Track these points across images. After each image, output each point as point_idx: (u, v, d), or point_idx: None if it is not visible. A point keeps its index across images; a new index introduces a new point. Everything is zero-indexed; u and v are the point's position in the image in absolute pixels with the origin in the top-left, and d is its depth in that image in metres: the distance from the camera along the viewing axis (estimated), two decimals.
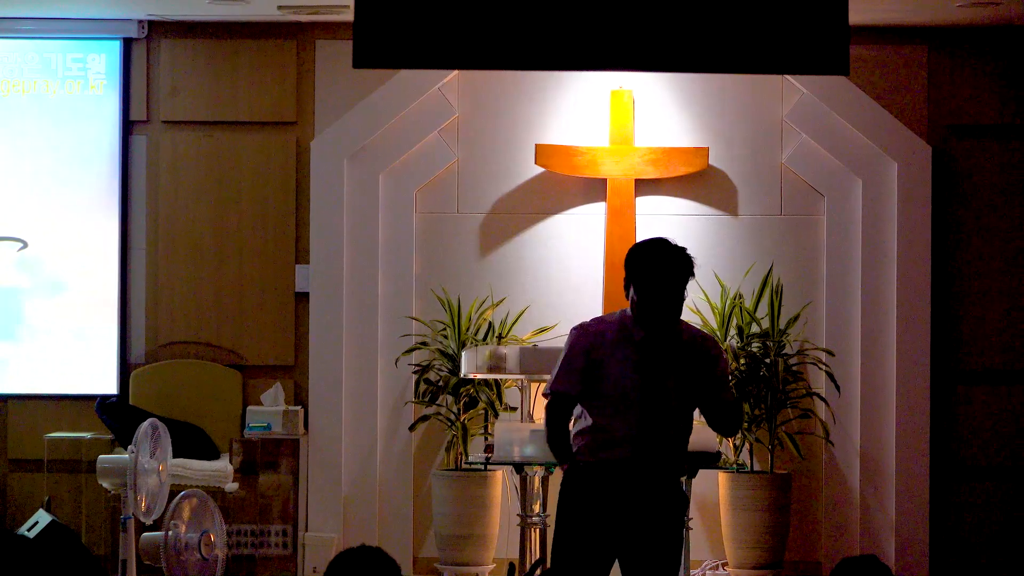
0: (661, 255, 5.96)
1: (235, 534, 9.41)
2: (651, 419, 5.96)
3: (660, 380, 5.95)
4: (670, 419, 5.99)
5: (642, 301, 5.94)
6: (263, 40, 9.96)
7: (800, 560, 9.69)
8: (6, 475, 9.95)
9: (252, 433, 9.57)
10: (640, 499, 5.99)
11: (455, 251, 9.85)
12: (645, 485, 5.99)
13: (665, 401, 5.95)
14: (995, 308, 9.90)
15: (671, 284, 5.93)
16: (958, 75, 9.92)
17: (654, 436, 5.97)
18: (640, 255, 5.98)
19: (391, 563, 4.32)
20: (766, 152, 9.83)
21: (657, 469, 6.00)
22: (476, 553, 9.30)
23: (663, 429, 5.98)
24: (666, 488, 6.04)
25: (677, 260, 5.95)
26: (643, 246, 6.02)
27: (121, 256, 9.93)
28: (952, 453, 9.85)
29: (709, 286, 9.65)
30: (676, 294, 5.95)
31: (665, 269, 5.93)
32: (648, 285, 5.93)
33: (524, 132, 9.82)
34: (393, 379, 9.72)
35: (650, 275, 5.93)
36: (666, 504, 6.04)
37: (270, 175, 9.96)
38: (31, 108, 9.94)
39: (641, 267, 5.95)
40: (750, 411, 9.37)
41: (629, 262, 5.99)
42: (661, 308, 5.94)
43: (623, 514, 5.99)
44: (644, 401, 5.94)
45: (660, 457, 6.00)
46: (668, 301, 5.93)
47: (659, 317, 5.95)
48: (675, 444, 6.04)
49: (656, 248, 5.99)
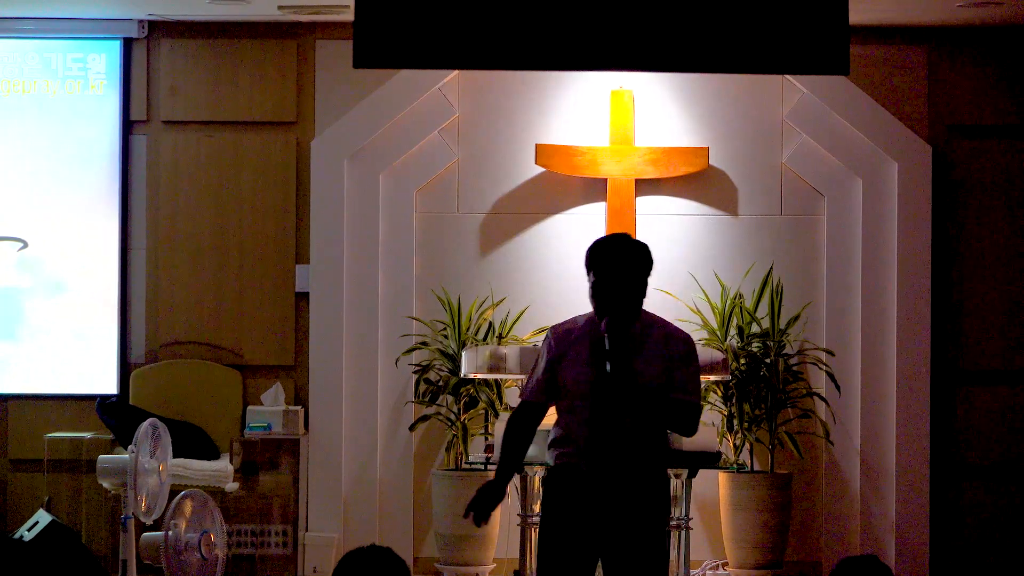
0: (615, 245, 5.97)
1: (235, 534, 9.41)
2: (603, 415, 5.86)
3: (616, 374, 5.84)
4: (628, 414, 5.86)
5: (598, 290, 5.93)
6: (263, 40, 9.97)
7: (800, 560, 9.69)
8: (6, 475, 9.95)
9: (252, 433, 9.58)
10: (606, 500, 5.89)
11: (455, 251, 9.85)
12: (608, 485, 5.89)
13: (622, 396, 5.83)
14: (995, 308, 9.90)
15: (624, 272, 5.92)
16: (958, 75, 9.93)
17: (607, 433, 5.87)
18: (598, 247, 5.99)
19: (400, 563, 4.30)
20: (766, 152, 9.83)
21: (615, 469, 5.88)
22: (476, 553, 9.30)
23: (619, 425, 5.86)
24: (638, 489, 5.91)
25: (632, 250, 5.97)
26: (602, 239, 6.04)
27: (121, 256, 9.93)
28: (952, 453, 9.85)
29: (709, 286, 9.65)
30: (631, 283, 5.93)
31: (619, 257, 5.93)
32: (603, 273, 5.92)
33: (524, 132, 9.82)
34: (393, 379, 9.72)
35: (604, 264, 5.92)
36: (640, 506, 5.91)
37: (270, 175, 9.97)
38: (31, 108, 9.94)
39: (597, 257, 5.96)
40: (750, 411, 9.38)
41: (588, 255, 5.99)
42: (615, 294, 5.90)
43: (592, 516, 5.89)
44: (596, 397, 5.86)
45: (617, 457, 5.88)
46: (622, 288, 5.91)
47: (614, 304, 5.90)
48: (635, 443, 5.90)
49: (614, 240, 6.02)
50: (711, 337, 9.48)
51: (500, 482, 6.01)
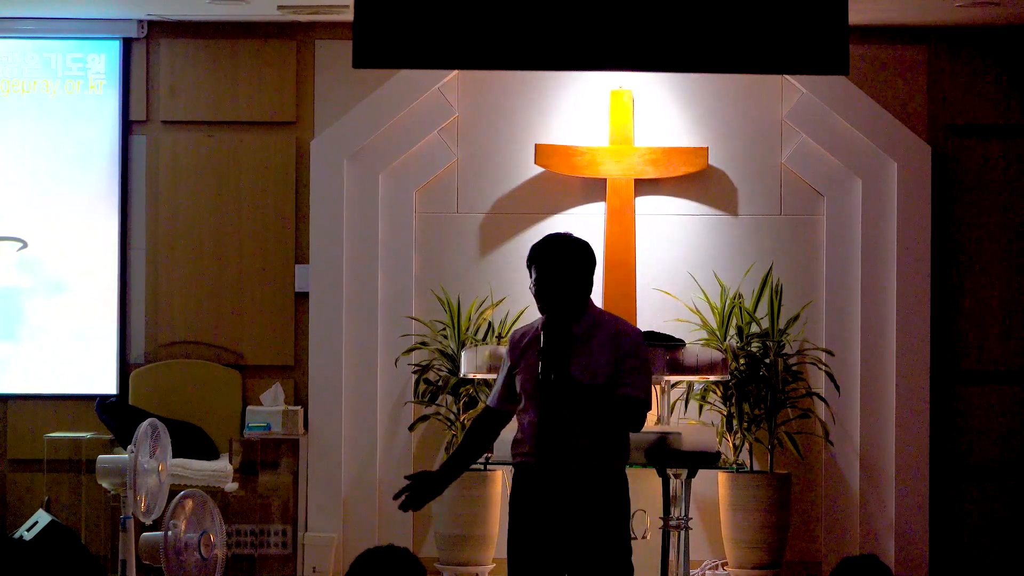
0: (554, 243, 6.02)
1: (235, 534, 9.42)
2: (549, 411, 5.90)
3: (559, 370, 5.86)
4: (567, 412, 5.88)
5: (537, 289, 5.99)
6: (263, 40, 9.97)
7: (800, 560, 9.69)
8: (6, 475, 9.95)
9: (252, 433, 9.58)
10: (558, 496, 5.91)
11: (455, 251, 9.85)
12: (558, 482, 5.91)
13: (557, 394, 5.86)
14: (995, 308, 9.90)
15: (562, 269, 5.95)
16: (958, 75, 9.93)
17: (550, 431, 5.90)
18: (536, 246, 6.05)
19: (417, 565, 4.27)
20: (766, 152, 9.83)
21: (564, 465, 5.91)
22: (476, 553, 9.30)
23: (560, 423, 5.89)
24: (588, 483, 5.93)
25: (569, 247, 6.00)
26: (543, 238, 6.08)
27: (121, 256, 9.93)
28: (952, 453, 9.85)
29: (709, 286, 9.65)
30: (569, 279, 5.95)
31: (556, 255, 5.97)
32: (540, 272, 5.97)
33: (524, 132, 9.82)
34: (393, 379, 9.72)
35: (542, 262, 5.97)
36: (589, 499, 5.92)
37: (270, 175, 9.96)
38: (31, 108, 9.94)
39: (535, 256, 6.01)
40: (750, 411, 9.37)
41: (529, 253, 6.04)
42: (552, 291, 5.94)
43: (546, 513, 5.93)
44: (542, 393, 5.90)
45: (563, 451, 5.90)
46: (559, 285, 5.94)
47: (551, 301, 5.94)
48: (583, 438, 5.92)
49: (551, 238, 6.07)
50: (711, 337, 9.48)
51: (440, 476, 6.09)
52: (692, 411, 9.51)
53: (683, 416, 9.49)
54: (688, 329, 9.51)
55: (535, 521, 5.95)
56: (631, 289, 9.64)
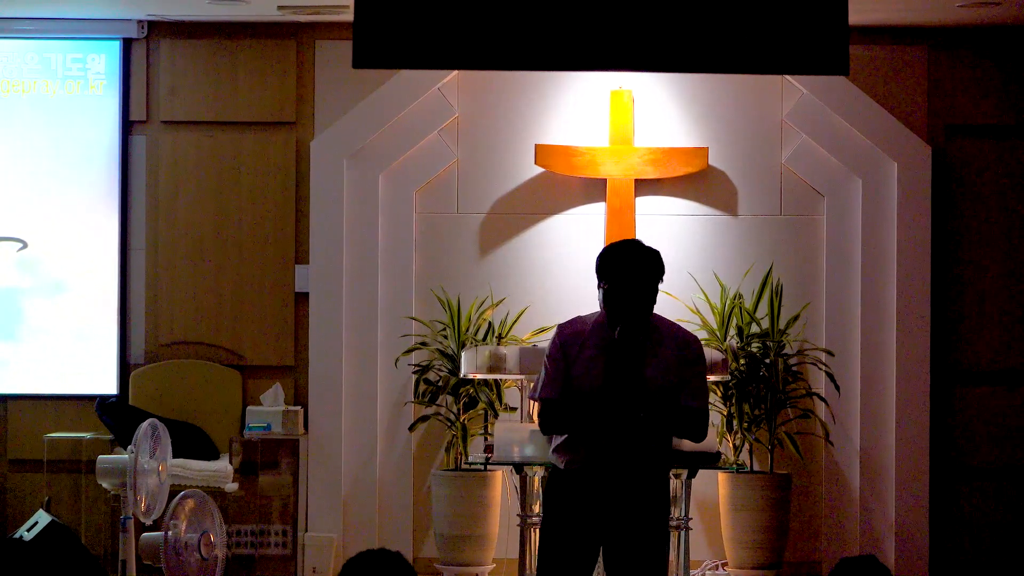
0: (630, 253, 6.00)
1: (235, 534, 9.41)
2: (615, 421, 5.91)
3: (628, 380, 5.89)
4: (633, 421, 5.91)
5: (611, 298, 5.96)
6: (263, 40, 9.96)
7: (800, 560, 9.69)
8: (6, 475, 9.95)
9: (252, 433, 9.58)
10: (613, 503, 5.95)
11: (455, 251, 9.85)
12: (616, 489, 5.94)
13: (633, 402, 5.89)
14: (995, 308, 9.90)
15: (639, 280, 5.95)
16: (958, 75, 9.92)
17: (618, 439, 5.92)
18: (610, 254, 6.02)
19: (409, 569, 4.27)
20: (766, 152, 9.83)
21: (627, 472, 5.95)
22: (476, 553, 9.30)
23: (627, 431, 5.92)
24: (643, 490, 5.98)
25: (645, 258, 6.00)
26: (614, 246, 6.08)
27: (121, 256, 9.93)
28: (952, 453, 9.84)
29: (709, 286, 9.65)
30: (644, 291, 5.96)
31: (633, 266, 5.96)
32: (616, 282, 5.95)
33: (524, 132, 9.82)
34: (393, 379, 9.72)
35: (618, 272, 5.95)
36: (643, 507, 5.98)
37: (270, 175, 9.96)
38: (31, 108, 9.94)
39: (610, 265, 5.98)
40: (750, 411, 9.37)
41: (600, 262, 6.02)
42: (629, 303, 5.93)
43: (597, 518, 5.95)
44: (607, 402, 5.90)
45: (630, 459, 5.94)
46: (636, 296, 5.93)
47: (627, 312, 5.93)
48: (648, 445, 5.97)
49: (626, 247, 6.05)
50: (711, 337, 9.48)
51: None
52: None
53: None
54: (688, 329, 9.49)
55: (583, 524, 5.94)
56: None
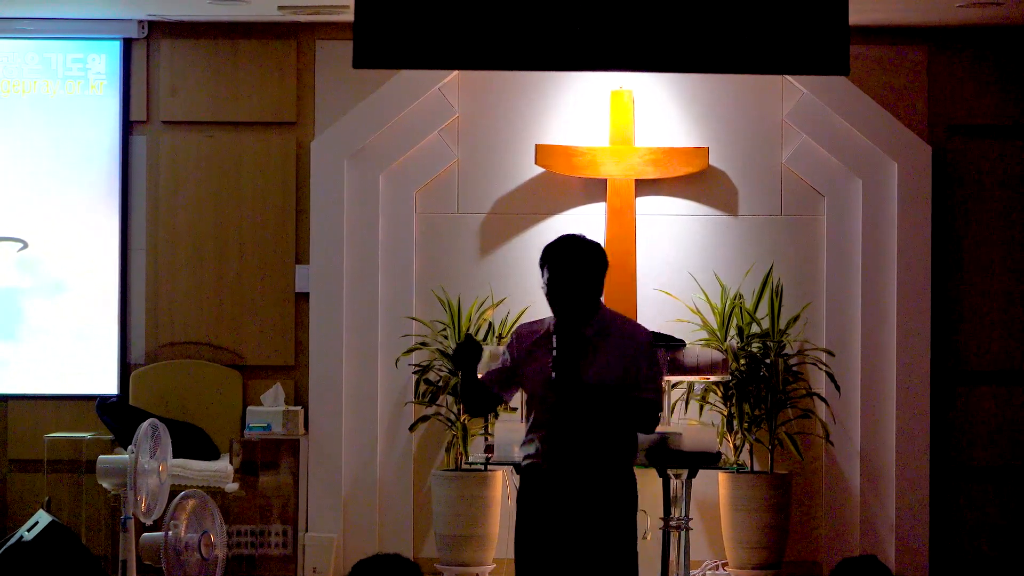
0: (567, 245, 6.04)
1: (235, 534, 9.41)
2: (560, 414, 5.94)
3: (573, 373, 5.91)
4: (579, 415, 5.93)
5: (550, 291, 6.01)
6: (263, 40, 9.97)
7: (800, 560, 9.69)
8: (6, 475, 9.95)
9: (252, 433, 9.58)
10: (568, 499, 5.96)
11: (455, 251, 9.85)
12: (568, 484, 5.96)
13: (569, 398, 5.91)
14: (995, 308, 9.90)
15: (576, 271, 5.98)
16: (958, 75, 9.93)
17: (562, 434, 5.95)
18: (549, 248, 6.07)
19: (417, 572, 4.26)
20: (766, 152, 9.83)
21: (575, 468, 5.96)
22: (476, 553, 9.30)
23: (572, 426, 5.94)
24: (598, 485, 5.98)
25: (583, 249, 6.03)
26: (555, 240, 6.10)
27: (121, 256, 9.93)
28: (952, 453, 9.84)
29: (709, 286, 9.65)
30: (582, 282, 5.98)
31: (570, 257, 6.00)
32: (554, 274, 5.99)
33: (524, 132, 9.82)
34: (393, 379, 9.72)
35: (556, 264, 5.99)
36: (599, 501, 5.97)
37: (270, 175, 9.97)
38: (31, 108, 9.94)
39: (548, 258, 6.03)
40: (750, 411, 9.37)
41: (541, 257, 6.06)
42: (566, 294, 5.97)
43: (556, 515, 5.98)
44: (555, 397, 5.94)
45: (575, 455, 5.95)
46: (574, 288, 5.97)
47: (565, 303, 5.97)
48: (595, 440, 5.97)
49: (566, 240, 6.08)
50: (711, 337, 9.48)
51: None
52: (692, 411, 9.51)
53: (683, 416, 9.48)
54: (688, 329, 9.51)
55: (545, 522, 5.99)
56: (631, 289, 9.64)
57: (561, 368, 5.89)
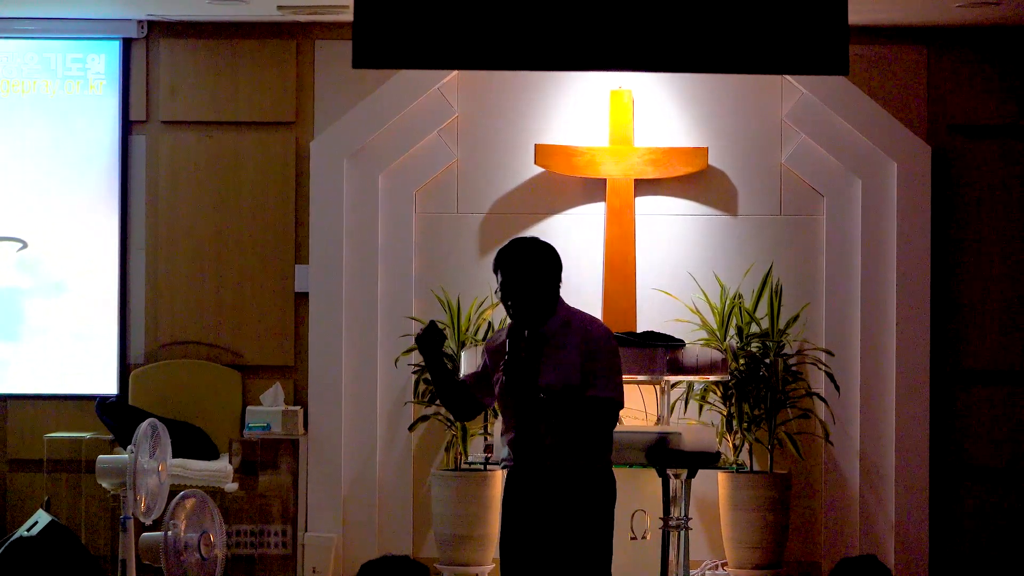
0: (517, 248, 6.07)
1: (235, 534, 9.41)
2: (520, 418, 5.98)
3: (529, 375, 5.92)
4: (536, 417, 5.96)
5: (502, 294, 6.05)
6: (263, 40, 9.97)
7: (800, 560, 9.69)
8: (6, 475, 9.95)
9: (252, 433, 9.58)
10: (535, 498, 5.99)
11: (455, 251, 9.85)
12: (534, 484, 5.99)
13: (536, 395, 5.93)
14: (995, 308, 9.90)
15: (526, 274, 6.00)
16: (958, 75, 9.92)
17: (527, 433, 5.98)
18: (500, 251, 6.10)
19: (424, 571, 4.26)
20: (766, 152, 9.83)
21: (538, 468, 5.98)
22: (476, 553, 9.30)
23: (531, 427, 5.96)
24: (567, 485, 5.98)
25: (532, 251, 6.06)
26: (508, 243, 6.14)
27: (121, 256, 9.94)
28: (952, 453, 9.84)
29: (708, 286, 9.65)
30: (533, 284, 6.00)
31: (519, 260, 6.03)
32: (504, 274, 6.02)
33: (524, 132, 9.82)
34: (393, 379, 9.72)
35: (506, 267, 6.02)
36: (569, 503, 5.98)
37: (270, 175, 9.97)
38: (31, 108, 9.94)
39: (499, 261, 6.06)
40: (749, 411, 9.37)
41: (493, 263, 6.09)
42: (517, 296, 6.00)
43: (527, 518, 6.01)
44: (514, 399, 5.98)
45: (537, 456, 5.97)
46: (524, 290, 5.99)
47: (516, 306, 6.00)
48: (556, 438, 5.97)
49: (515, 243, 6.12)
50: (710, 337, 9.48)
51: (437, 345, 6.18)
52: (692, 411, 9.51)
53: (683, 416, 9.49)
54: (688, 329, 9.51)
55: (519, 523, 6.04)
56: (631, 289, 9.64)
57: (511, 373, 5.93)
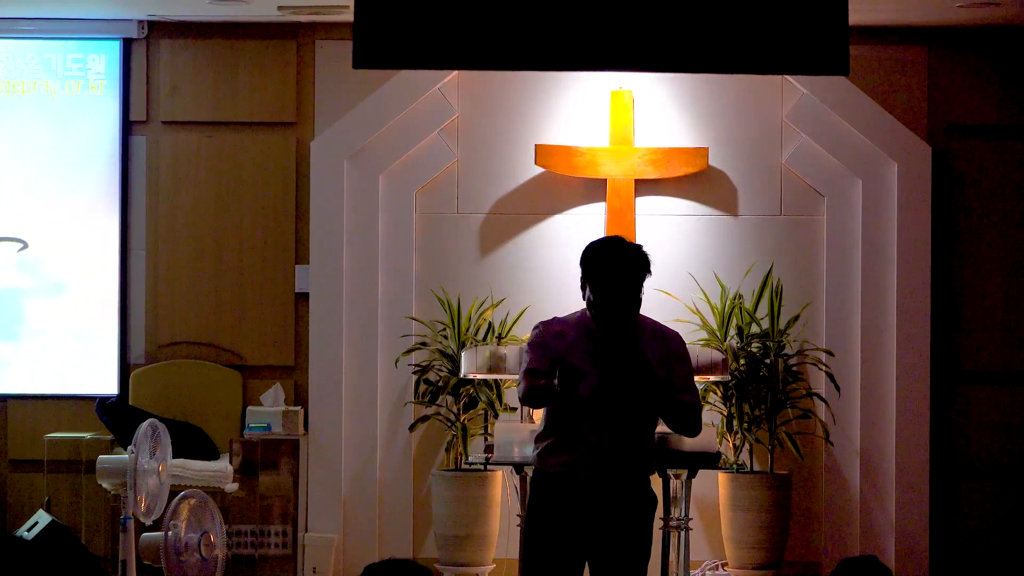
0: (616, 253, 5.88)
1: (235, 534, 9.41)
2: (609, 423, 5.85)
3: (618, 381, 5.81)
4: (630, 421, 5.88)
5: (598, 300, 5.86)
6: (263, 40, 9.97)
7: (800, 560, 9.69)
8: (6, 475, 9.95)
9: (252, 433, 9.58)
10: (603, 505, 5.91)
11: (455, 251, 9.85)
12: (606, 492, 5.90)
13: (624, 403, 5.84)
14: (995, 308, 9.90)
15: (626, 281, 5.84)
16: (958, 75, 9.92)
17: (613, 440, 5.87)
18: (595, 254, 5.90)
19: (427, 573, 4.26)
20: (766, 152, 9.83)
21: (618, 474, 5.91)
22: (476, 553, 9.30)
23: (623, 432, 5.87)
24: (631, 492, 5.96)
25: (632, 257, 5.87)
26: (598, 244, 5.94)
27: (121, 256, 9.94)
28: (952, 453, 9.85)
29: (709, 286, 9.65)
30: (631, 292, 5.85)
31: (619, 267, 5.85)
32: (603, 283, 5.84)
33: (524, 132, 9.82)
34: (393, 379, 9.72)
35: (605, 273, 5.85)
36: (632, 508, 5.96)
37: (270, 175, 9.97)
38: (31, 108, 9.94)
39: (596, 266, 5.86)
40: (750, 411, 9.37)
41: (584, 261, 5.91)
42: (617, 306, 5.84)
43: (586, 521, 5.90)
44: (601, 405, 5.85)
45: (621, 461, 5.90)
46: (623, 299, 5.84)
47: (615, 316, 5.85)
48: (638, 446, 5.93)
49: (611, 246, 5.93)
50: (711, 337, 9.48)
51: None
52: None
53: None
54: (688, 329, 9.50)
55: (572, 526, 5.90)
56: None
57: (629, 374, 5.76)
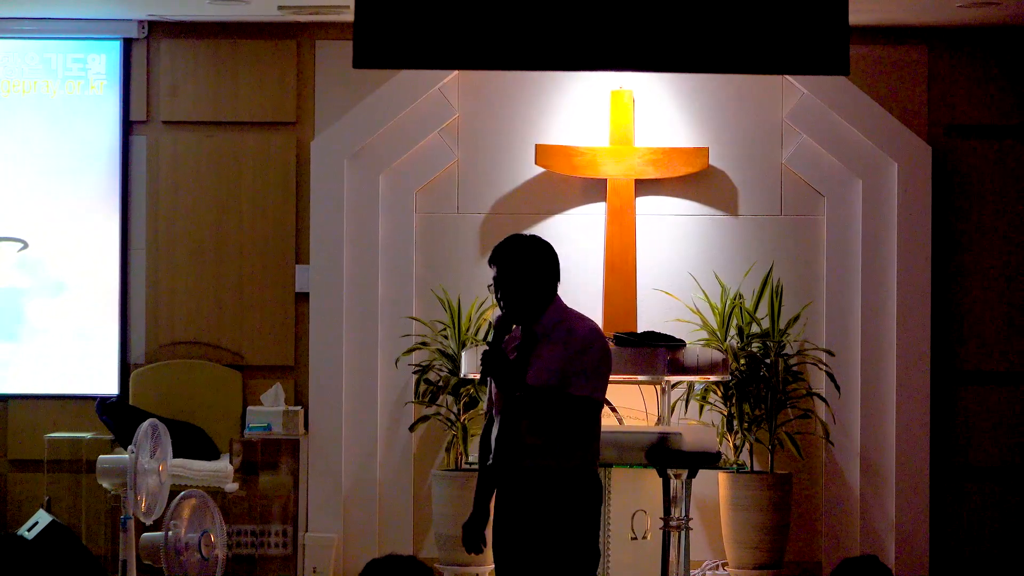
0: (497, 249, 6.05)
1: (235, 534, 9.42)
2: (505, 413, 5.94)
3: (515, 372, 5.91)
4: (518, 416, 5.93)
5: (494, 287, 6.03)
6: (263, 40, 9.97)
7: (800, 560, 9.69)
8: (6, 475, 9.95)
9: (252, 433, 9.58)
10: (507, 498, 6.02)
11: (455, 251, 9.85)
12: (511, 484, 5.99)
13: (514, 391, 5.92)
14: (995, 308, 9.90)
15: (516, 267, 5.98)
16: (958, 75, 9.93)
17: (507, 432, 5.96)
18: (496, 246, 6.08)
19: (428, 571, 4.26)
20: (766, 152, 9.83)
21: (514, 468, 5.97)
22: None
23: (510, 426, 5.93)
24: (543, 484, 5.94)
25: (524, 244, 6.04)
26: (500, 241, 6.11)
27: (121, 256, 9.94)
28: (952, 453, 9.85)
29: (709, 286, 9.65)
30: (521, 277, 5.98)
31: (510, 252, 6.02)
32: (498, 270, 6.02)
33: (524, 132, 9.82)
34: (393, 379, 9.72)
35: (499, 261, 6.02)
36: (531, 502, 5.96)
37: (270, 175, 9.97)
38: (31, 108, 9.94)
39: (494, 255, 6.04)
40: (750, 411, 9.37)
41: (490, 257, 6.07)
42: (502, 301, 5.99)
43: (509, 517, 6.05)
44: (501, 398, 5.98)
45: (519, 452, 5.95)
46: (513, 286, 5.98)
47: (507, 302, 5.99)
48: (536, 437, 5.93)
49: (508, 237, 6.11)
50: (711, 337, 9.48)
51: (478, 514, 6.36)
52: (692, 411, 9.51)
53: (683, 416, 9.49)
54: (688, 329, 9.51)
55: (502, 523, 6.08)
56: (631, 289, 9.64)
57: (487, 365, 5.90)
